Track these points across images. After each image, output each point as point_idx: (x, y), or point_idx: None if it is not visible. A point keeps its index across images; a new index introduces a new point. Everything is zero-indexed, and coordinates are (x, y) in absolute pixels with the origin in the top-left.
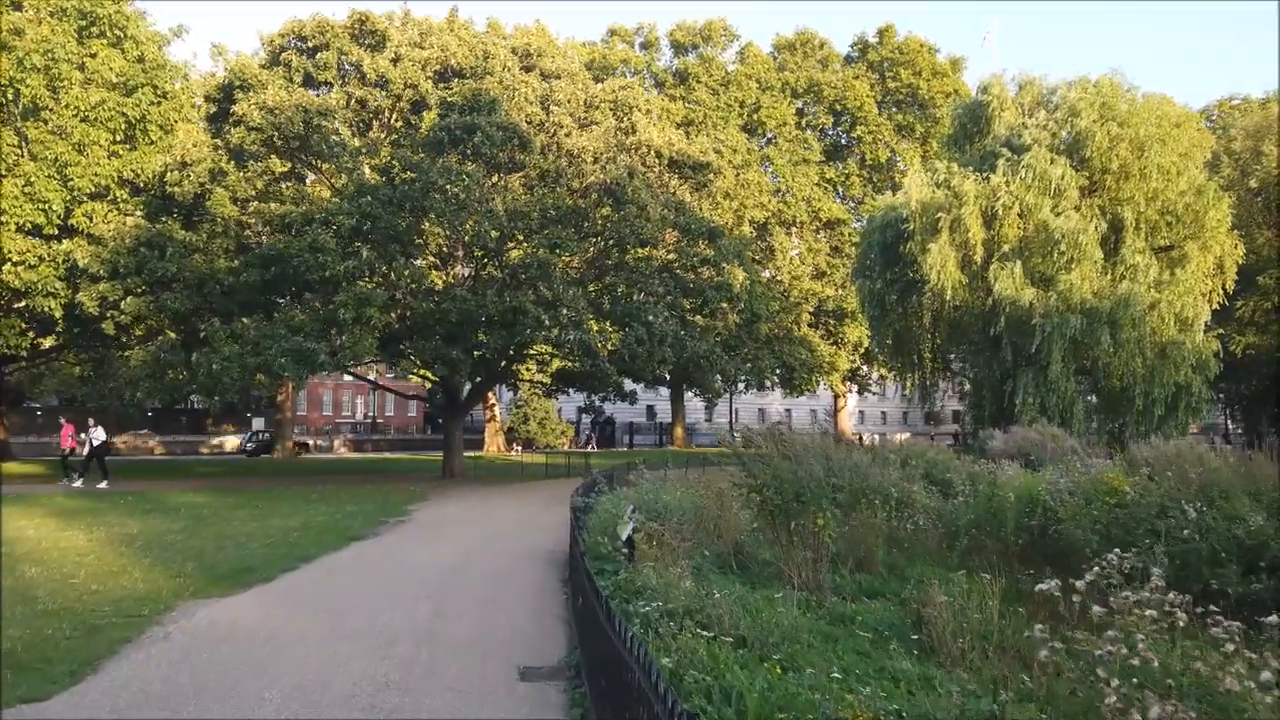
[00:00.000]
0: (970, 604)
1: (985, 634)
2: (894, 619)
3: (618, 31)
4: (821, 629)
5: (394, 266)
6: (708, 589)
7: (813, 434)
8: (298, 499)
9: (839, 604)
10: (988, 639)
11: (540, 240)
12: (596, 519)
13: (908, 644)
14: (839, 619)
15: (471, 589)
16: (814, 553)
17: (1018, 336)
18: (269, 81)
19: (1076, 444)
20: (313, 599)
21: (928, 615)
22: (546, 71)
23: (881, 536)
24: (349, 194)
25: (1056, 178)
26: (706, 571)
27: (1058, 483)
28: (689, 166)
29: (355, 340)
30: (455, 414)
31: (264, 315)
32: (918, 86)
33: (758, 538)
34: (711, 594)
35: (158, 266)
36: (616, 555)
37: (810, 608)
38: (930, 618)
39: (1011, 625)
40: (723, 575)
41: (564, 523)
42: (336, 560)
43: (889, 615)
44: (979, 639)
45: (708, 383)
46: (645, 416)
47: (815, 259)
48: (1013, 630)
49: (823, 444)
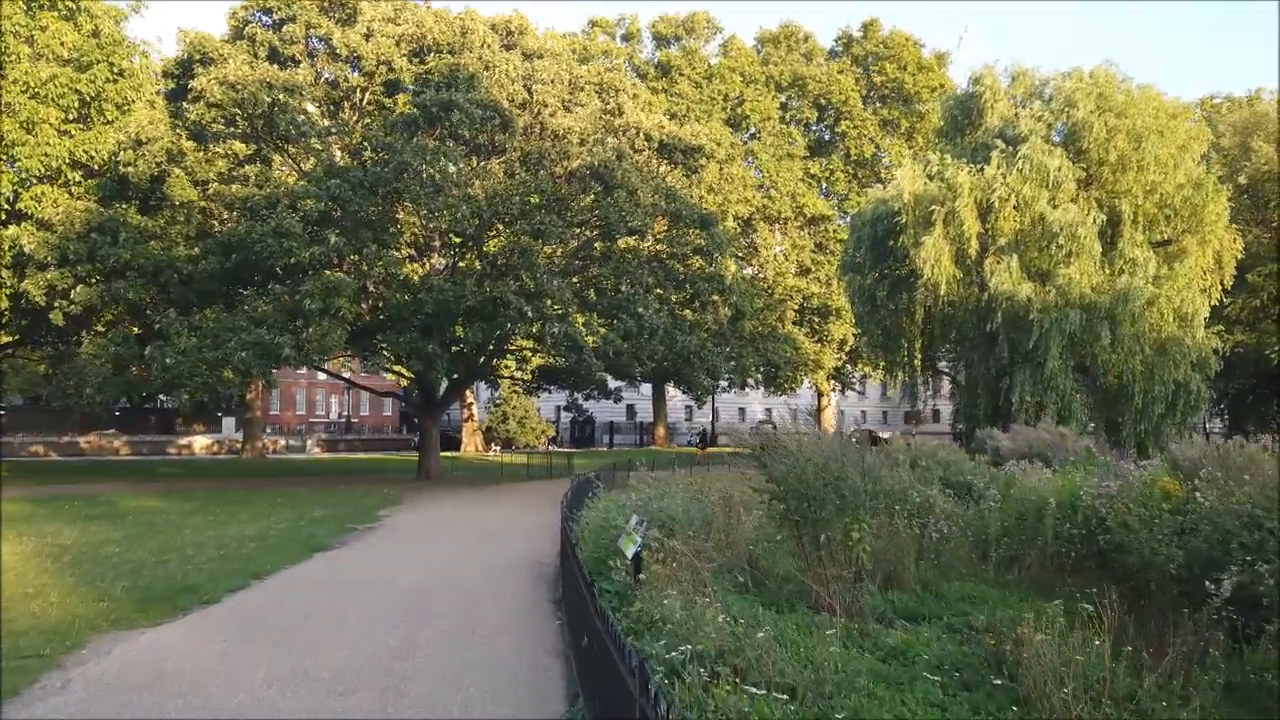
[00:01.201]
0: (1069, 641)
1: (1093, 680)
2: (960, 656)
3: (598, 23)
4: (876, 669)
5: (364, 254)
6: (740, 623)
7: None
8: (261, 503)
9: (883, 632)
10: (1097, 687)
11: (523, 227)
12: (590, 528)
13: (989, 691)
14: (890, 653)
15: (448, 613)
16: (849, 570)
17: (1014, 332)
18: (231, 56)
19: (1091, 444)
20: (259, 628)
21: (1008, 653)
22: (528, 51)
23: (911, 549)
24: (316, 176)
25: (1054, 169)
26: (719, 590)
27: (1102, 486)
28: (680, 151)
29: (323, 333)
30: (432, 412)
31: (225, 306)
32: (903, 81)
33: (774, 549)
34: (750, 630)
35: (110, 253)
36: (618, 570)
37: (851, 636)
38: (1019, 658)
39: (1124, 668)
40: (738, 594)
41: (549, 527)
42: (294, 576)
43: (952, 651)
44: (1083, 687)
45: (696, 380)
46: (625, 416)
47: (799, 255)
48: (1126, 674)
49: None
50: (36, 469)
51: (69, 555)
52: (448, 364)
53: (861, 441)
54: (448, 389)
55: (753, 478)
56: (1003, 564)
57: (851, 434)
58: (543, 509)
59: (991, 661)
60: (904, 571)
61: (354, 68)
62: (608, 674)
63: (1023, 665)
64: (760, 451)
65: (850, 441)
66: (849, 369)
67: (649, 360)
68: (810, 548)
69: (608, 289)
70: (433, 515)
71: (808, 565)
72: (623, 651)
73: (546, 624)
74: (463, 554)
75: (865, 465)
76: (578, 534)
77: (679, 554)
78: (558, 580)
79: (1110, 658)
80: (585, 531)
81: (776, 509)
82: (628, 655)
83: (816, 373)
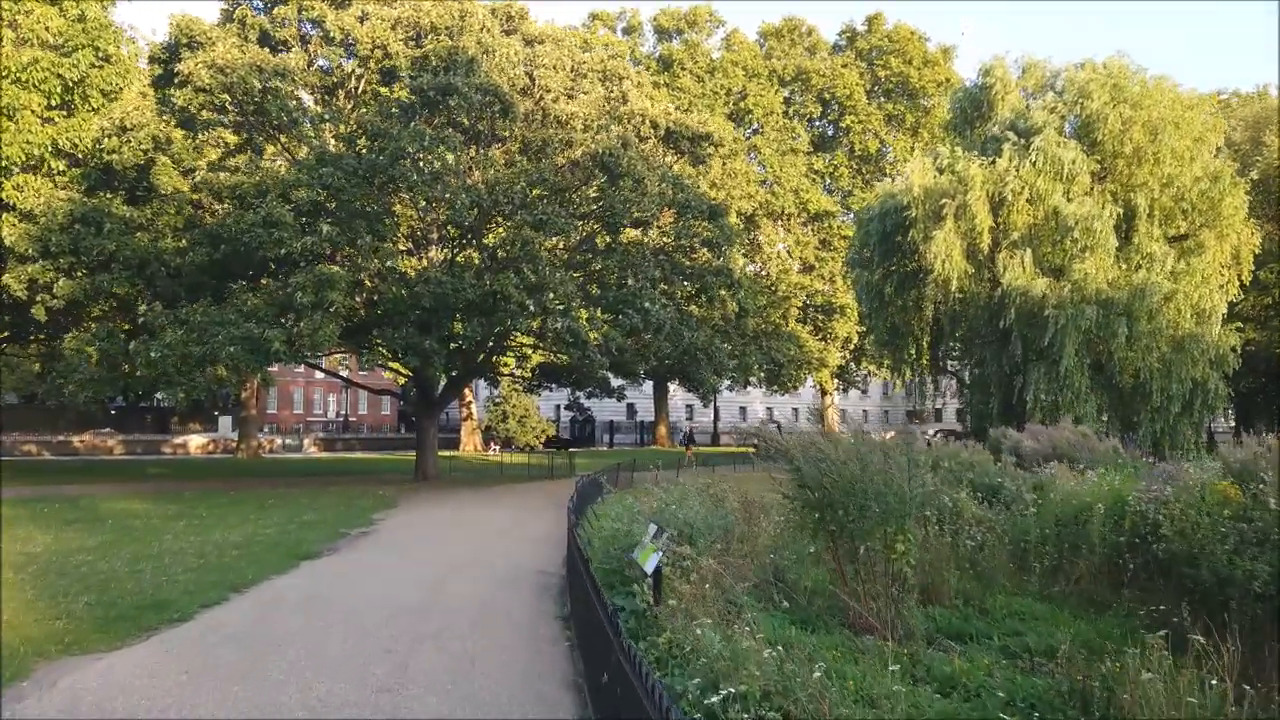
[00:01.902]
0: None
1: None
2: (1031, 689)
3: (599, 16)
4: (943, 708)
5: (359, 246)
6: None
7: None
8: (251, 505)
9: (936, 657)
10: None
11: (524, 217)
12: (600, 536)
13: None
14: (946, 682)
15: (443, 635)
16: (892, 585)
17: (1028, 329)
18: (220, 39)
19: (1119, 445)
20: (230, 654)
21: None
22: (530, 36)
23: (949, 559)
24: (309, 164)
25: (1068, 162)
26: (742, 604)
27: (1152, 490)
28: (686, 139)
29: (314, 327)
30: (429, 411)
31: (214, 300)
32: (908, 76)
33: (800, 558)
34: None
35: (94, 245)
36: (633, 583)
37: (900, 662)
38: (1112, 697)
39: (1247, 712)
40: (765, 611)
41: (552, 532)
42: (277, 589)
43: (1022, 683)
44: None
45: (703, 378)
46: (626, 415)
47: (803, 252)
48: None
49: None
50: (28, 469)
51: (35, 565)
52: (445, 360)
53: (906, 443)
54: (446, 387)
55: (782, 482)
56: (1046, 575)
57: (896, 433)
58: (545, 512)
59: (1074, 699)
60: (942, 584)
61: (349, 53)
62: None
63: (1123, 708)
64: (790, 454)
65: (894, 443)
66: (852, 368)
67: (655, 357)
68: (847, 560)
69: (611, 283)
70: (429, 519)
71: (844, 579)
72: (653, 698)
73: (554, 646)
74: (460, 563)
75: (910, 470)
76: (586, 539)
77: (706, 569)
78: (564, 593)
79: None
80: (594, 539)
81: (810, 517)
82: (660, 703)
83: (820, 371)
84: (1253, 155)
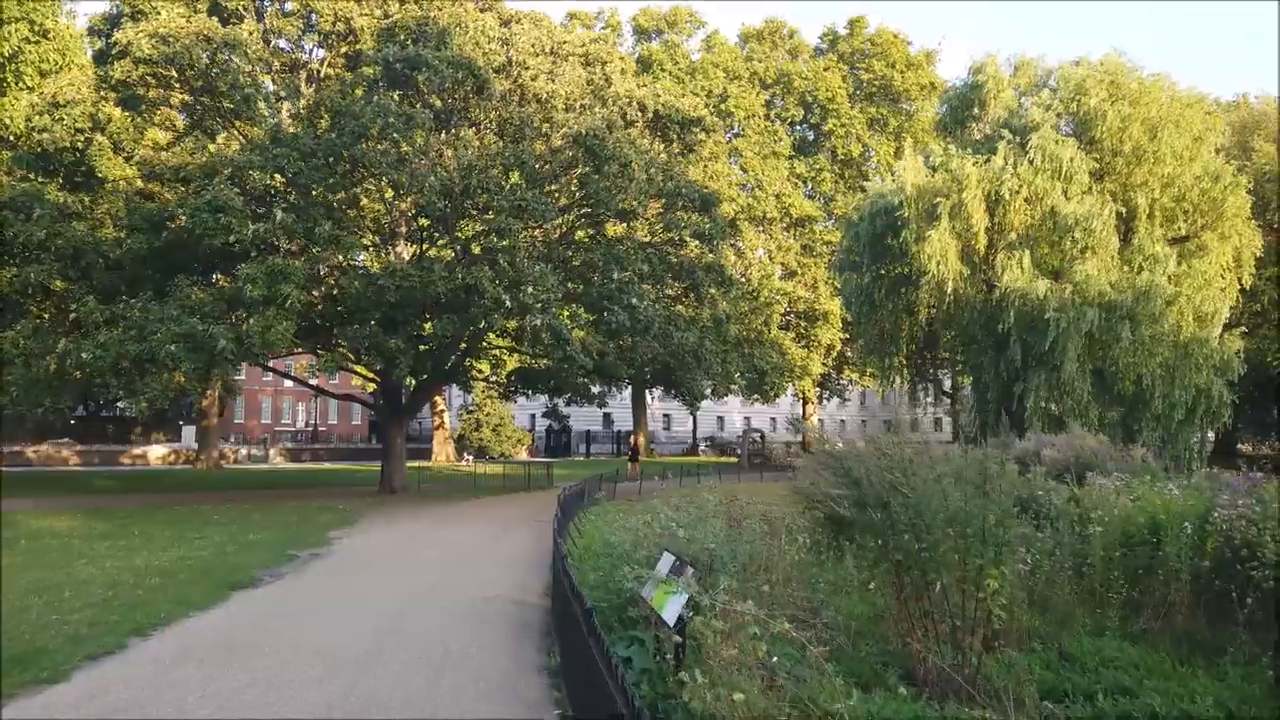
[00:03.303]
0: None
1: None
2: None
3: (577, 15)
4: None
5: (316, 234)
6: None
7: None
8: (193, 522)
9: None
10: None
11: (501, 203)
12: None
13: None
14: None
15: (395, 696)
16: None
17: (1027, 333)
18: (164, 8)
19: (1148, 454)
20: None
21: None
22: (506, 16)
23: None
24: (261, 145)
25: (1066, 159)
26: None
27: (1243, 506)
28: (676, 124)
29: (266, 325)
30: (397, 419)
31: (156, 294)
32: (891, 79)
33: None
34: None
35: (21, 232)
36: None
37: None
38: None
39: None
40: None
41: (531, 552)
42: (191, 632)
43: None
44: None
45: (694, 383)
46: (602, 424)
47: (785, 258)
48: None
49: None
50: None
51: None
52: (413, 362)
53: (1001, 459)
54: (415, 393)
55: (811, 499)
56: (1122, 607)
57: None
58: (521, 528)
59: None
60: (1010, 622)
61: (309, 26)
62: None
63: None
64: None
65: (988, 459)
66: (835, 376)
67: (642, 359)
68: (912, 598)
69: (595, 279)
70: (393, 538)
71: (910, 621)
72: None
73: (540, 710)
74: (423, 591)
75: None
76: (574, 560)
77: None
78: (547, 631)
79: None
80: (583, 560)
81: (868, 545)
82: None
83: (803, 379)
84: (1242, 161)
